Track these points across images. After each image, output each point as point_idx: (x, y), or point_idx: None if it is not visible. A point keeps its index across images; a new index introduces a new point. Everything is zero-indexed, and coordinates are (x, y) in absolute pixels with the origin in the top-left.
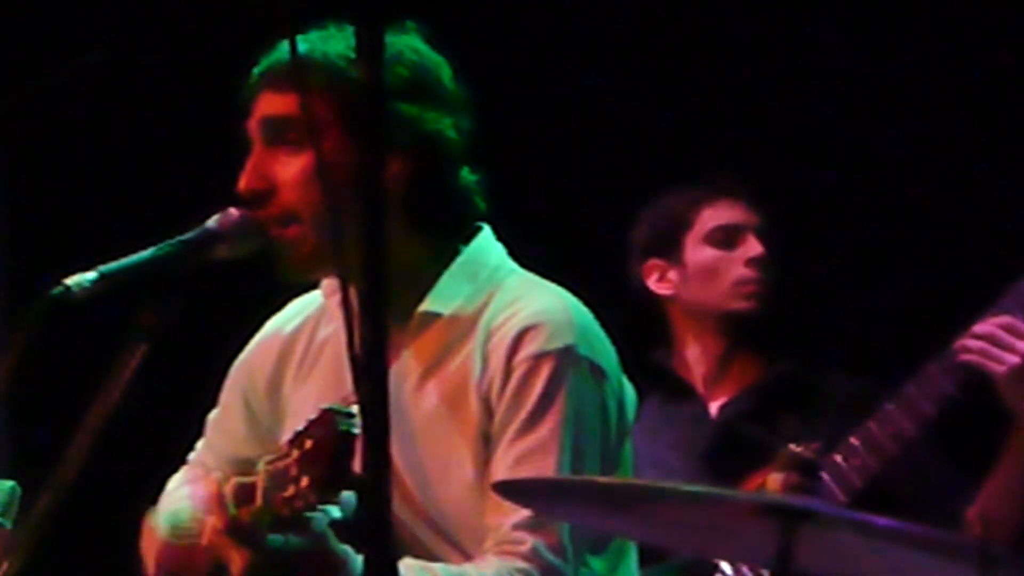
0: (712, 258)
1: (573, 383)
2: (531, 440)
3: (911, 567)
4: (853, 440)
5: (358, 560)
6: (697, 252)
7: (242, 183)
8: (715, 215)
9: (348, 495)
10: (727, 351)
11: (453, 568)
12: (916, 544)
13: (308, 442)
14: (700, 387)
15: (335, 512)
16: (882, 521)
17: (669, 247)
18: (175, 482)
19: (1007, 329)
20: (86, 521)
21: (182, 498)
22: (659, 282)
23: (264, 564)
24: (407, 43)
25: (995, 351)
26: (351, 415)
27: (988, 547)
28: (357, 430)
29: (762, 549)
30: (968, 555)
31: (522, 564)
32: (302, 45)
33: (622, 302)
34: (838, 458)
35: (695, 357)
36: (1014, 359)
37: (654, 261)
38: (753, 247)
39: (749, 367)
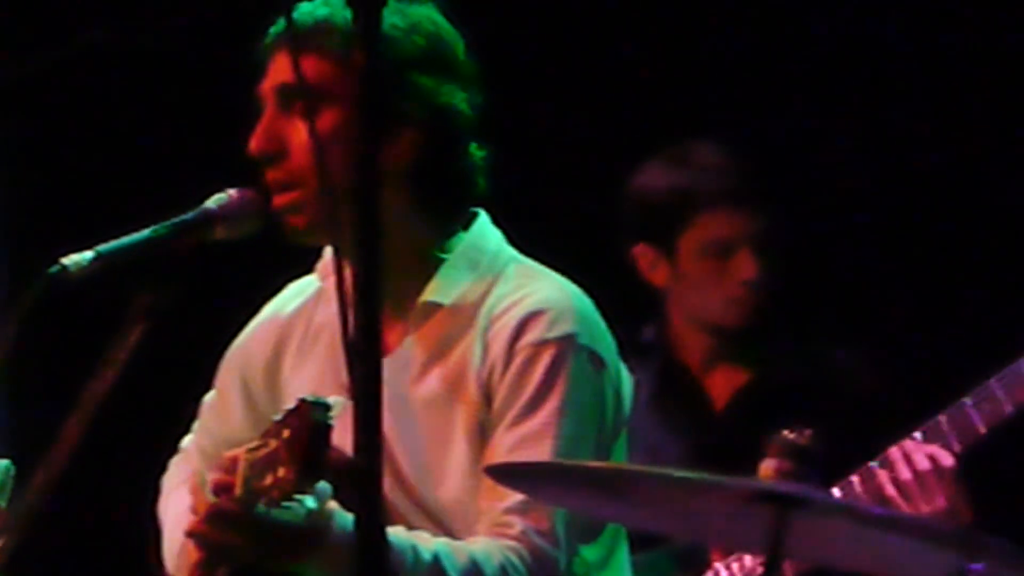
0: (705, 271)
1: (573, 371)
2: (529, 426)
3: (900, 554)
4: (891, 453)
5: (348, 517)
6: (690, 261)
7: (252, 144)
8: (711, 226)
9: (324, 485)
10: (720, 350)
11: (441, 538)
12: (905, 531)
13: (285, 432)
14: (696, 371)
15: (310, 502)
16: (873, 509)
17: (662, 237)
18: (171, 474)
19: None
20: (81, 500)
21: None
22: (651, 271)
23: (262, 534)
24: (424, 13)
25: None
26: (326, 406)
27: (972, 535)
28: (332, 421)
29: (754, 536)
30: (955, 542)
31: (511, 543)
32: (322, 9)
33: (609, 274)
34: (875, 468)
35: (690, 342)
36: None
37: (646, 247)
38: (747, 267)
39: (749, 358)
